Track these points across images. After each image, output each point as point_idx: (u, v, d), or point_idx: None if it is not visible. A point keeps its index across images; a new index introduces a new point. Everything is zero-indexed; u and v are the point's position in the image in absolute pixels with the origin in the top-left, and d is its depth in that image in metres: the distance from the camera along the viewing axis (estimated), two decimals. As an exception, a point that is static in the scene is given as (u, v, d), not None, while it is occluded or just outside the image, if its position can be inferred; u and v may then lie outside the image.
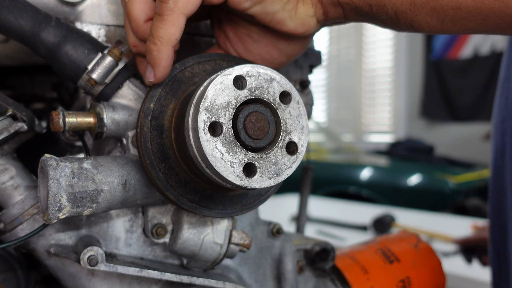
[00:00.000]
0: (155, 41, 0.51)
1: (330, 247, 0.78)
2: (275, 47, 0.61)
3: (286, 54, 0.62)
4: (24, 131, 0.59)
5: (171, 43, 0.51)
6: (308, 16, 0.57)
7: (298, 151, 0.50)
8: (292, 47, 0.61)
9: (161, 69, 0.52)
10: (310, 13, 0.57)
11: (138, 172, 0.58)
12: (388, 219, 2.49)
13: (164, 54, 0.51)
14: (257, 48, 0.61)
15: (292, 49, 0.62)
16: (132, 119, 0.60)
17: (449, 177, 3.85)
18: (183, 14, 0.50)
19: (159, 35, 0.50)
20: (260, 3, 0.54)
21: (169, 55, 0.52)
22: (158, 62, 0.52)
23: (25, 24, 0.55)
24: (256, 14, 0.55)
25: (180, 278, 0.62)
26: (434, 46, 6.11)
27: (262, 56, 0.62)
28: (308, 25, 0.57)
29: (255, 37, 0.61)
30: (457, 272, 1.88)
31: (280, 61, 0.63)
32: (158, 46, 0.51)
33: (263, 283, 0.75)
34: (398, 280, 0.81)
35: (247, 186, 0.47)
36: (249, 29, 0.60)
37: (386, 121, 6.76)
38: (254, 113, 0.48)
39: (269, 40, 0.61)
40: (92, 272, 0.63)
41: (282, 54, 0.62)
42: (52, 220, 0.50)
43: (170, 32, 0.50)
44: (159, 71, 0.53)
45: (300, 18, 0.56)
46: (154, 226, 0.64)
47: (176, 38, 0.51)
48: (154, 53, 0.51)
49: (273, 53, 0.62)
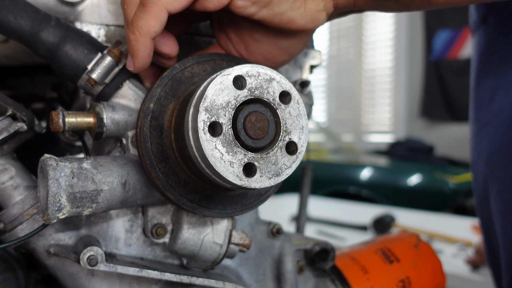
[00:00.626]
0: (134, 31, 0.51)
1: (330, 247, 0.78)
2: (277, 46, 0.61)
3: (288, 53, 0.62)
4: (23, 131, 0.59)
5: (149, 35, 0.51)
6: (318, 11, 0.56)
7: (298, 151, 0.50)
8: (294, 44, 0.61)
9: (139, 59, 0.52)
10: (320, 7, 0.56)
11: (138, 172, 0.58)
12: (388, 219, 2.49)
13: (141, 44, 0.51)
14: (259, 48, 0.61)
15: (294, 47, 0.62)
16: (132, 119, 0.60)
17: (449, 177, 3.84)
18: (165, 9, 0.50)
19: (138, 25, 0.50)
20: (267, 6, 0.54)
21: (147, 46, 0.52)
22: (136, 53, 0.52)
23: (24, 24, 0.55)
24: (263, 18, 0.55)
25: (180, 278, 0.62)
26: (434, 46, 6.10)
27: (264, 55, 0.62)
28: (318, 19, 0.57)
29: (257, 37, 0.61)
30: (457, 272, 1.88)
31: (282, 59, 0.63)
32: (136, 36, 0.51)
33: (263, 283, 0.75)
34: (398, 280, 0.81)
35: (247, 186, 0.47)
36: (252, 30, 0.60)
37: (386, 121, 6.75)
38: (254, 113, 0.48)
39: (271, 40, 0.60)
40: (92, 272, 0.63)
41: (284, 52, 0.62)
42: (52, 220, 0.50)
43: (150, 24, 0.50)
44: (138, 61, 0.53)
45: (310, 14, 0.56)
46: (154, 226, 0.64)
47: (155, 31, 0.51)
48: (133, 43, 0.51)
49: (275, 52, 0.62)
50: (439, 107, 6.18)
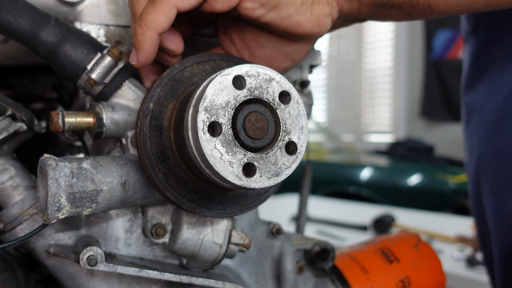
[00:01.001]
0: (141, 25, 0.51)
1: (330, 247, 0.78)
2: (281, 52, 0.62)
3: (291, 59, 0.63)
4: (23, 131, 0.59)
5: (157, 30, 0.51)
6: (323, 16, 0.57)
7: (298, 151, 0.50)
8: (298, 51, 0.62)
9: (144, 54, 0.53)
10: (326, 13, 0.57)
11: (138, 172, 0.58)
12: (388, 219, 2.49)
13: (148, 39, 0.51)
14: (263, 53, 0.62)
15: (298, 53, 0.62)
16: (131, 119, 0.60)
17: (449, 177, 3.84)
18: (175, 6, 0.51)
19: (147, 20, 0.51)
20: (274, 9, 0.54)
21: (153, 41, 0.52)
22: (141, 46, 0.52)
23: (24, 24, 0.55)
24: (270, 21, 0.55)
25: (179, 278, 0.62)
26: (434, 46, 6.10)
27: (267, 61, 0.62)
28: (324, 24, 0.58)
29: (261, 42, 0.61)
30: (457, 272, 1.88)
31: (285, 66, 0.64)
32: (143, 30, 0.51)
33: (262, 283, 0.75)
34: (398, 280, 0.81)
35: (247, 186, 0.47)
36: (256, 34, 0.61)
37: (386, 121, 6.75)
38: (254, 113, 0.48)
39: (275, 45, 0.61)
40: (91, 272, 0.63)
41: (287, 58, 0.63)
42: (52, 220, 0.50)
43: (159, 19, 0.50)
44: (142, 55, 0.53)
45: (316, 18, 0.57)
46: (154, 226, 0.64)
47: (163, 27, 0.51)
48: (139, 37, 0.52)
49: (278, 57, 0.62)
50: (439, 107, 6.18)
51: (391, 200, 3.82)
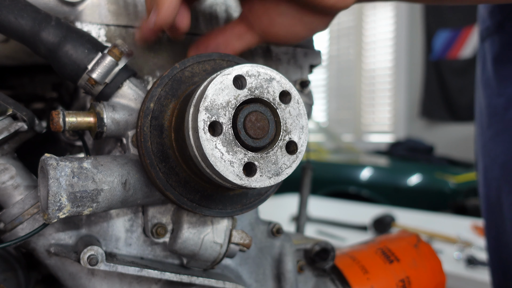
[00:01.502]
0: None
1: (330, 246, 0.78)
2: (301, 21, 0.61)
3: (311, 29, 0.62)
4: (24, 130, 0.59)
5: None
6: None
7: (298, 151, 0.50)
8: (317, 22, 0.62)
9: (165, 9, 0.52)
10: None
11: (138, 172, 0.58)
12: (388, 219, 2.49)
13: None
14: (283, 21, 0.61)
15: (317, 24, 0.62)
16: (132, 119, 0.60)
17: (449, 177, 3.85)
18: None
19: None
20: None
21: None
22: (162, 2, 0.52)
23: (25, 24, 0.55)
24: None
25: (180, 278, 0.62)
26: (434, 46, 6.11)
27: (286, 29, 0.62)
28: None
29: (282, 9, 0.61)
30: (457, 272, 1.88)
31: (304, 35, 0.63)
32: None
33: (263, 283, 0.75)
34: (398, 280, 0.81)
35: (247, 186, 0.47)
36: (278, 2, 0.60)
37: (386, 121, 6.76)
38: (254, 113, 0.48)
39: (296, 14, 0.61)
40: (92, 272, 0.63)
41: (306, 28, 0.62)
42: (52, 219, 0.50)
43: None
44: (164, 11, 0.52)
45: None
46: (154, 226, 0.64)
47: None
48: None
49: (297, 26, 0.62)
50: (439, 107, 6.18)
51: (391, 200, 3.82)
